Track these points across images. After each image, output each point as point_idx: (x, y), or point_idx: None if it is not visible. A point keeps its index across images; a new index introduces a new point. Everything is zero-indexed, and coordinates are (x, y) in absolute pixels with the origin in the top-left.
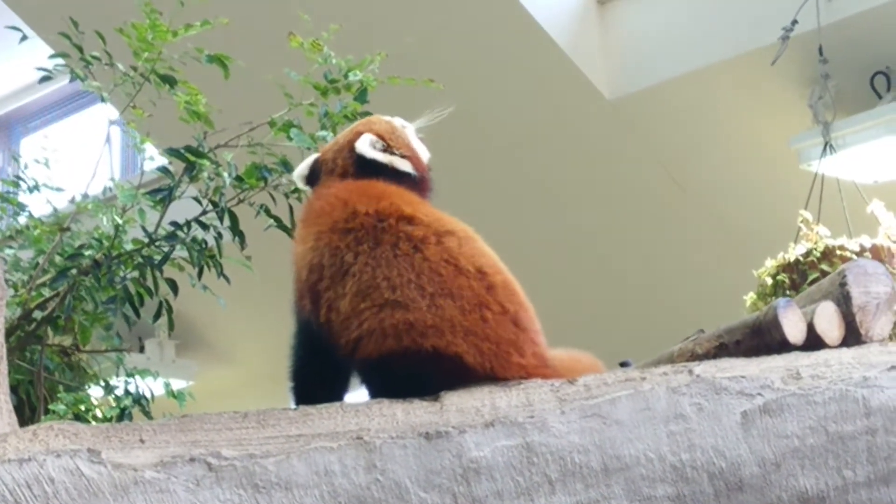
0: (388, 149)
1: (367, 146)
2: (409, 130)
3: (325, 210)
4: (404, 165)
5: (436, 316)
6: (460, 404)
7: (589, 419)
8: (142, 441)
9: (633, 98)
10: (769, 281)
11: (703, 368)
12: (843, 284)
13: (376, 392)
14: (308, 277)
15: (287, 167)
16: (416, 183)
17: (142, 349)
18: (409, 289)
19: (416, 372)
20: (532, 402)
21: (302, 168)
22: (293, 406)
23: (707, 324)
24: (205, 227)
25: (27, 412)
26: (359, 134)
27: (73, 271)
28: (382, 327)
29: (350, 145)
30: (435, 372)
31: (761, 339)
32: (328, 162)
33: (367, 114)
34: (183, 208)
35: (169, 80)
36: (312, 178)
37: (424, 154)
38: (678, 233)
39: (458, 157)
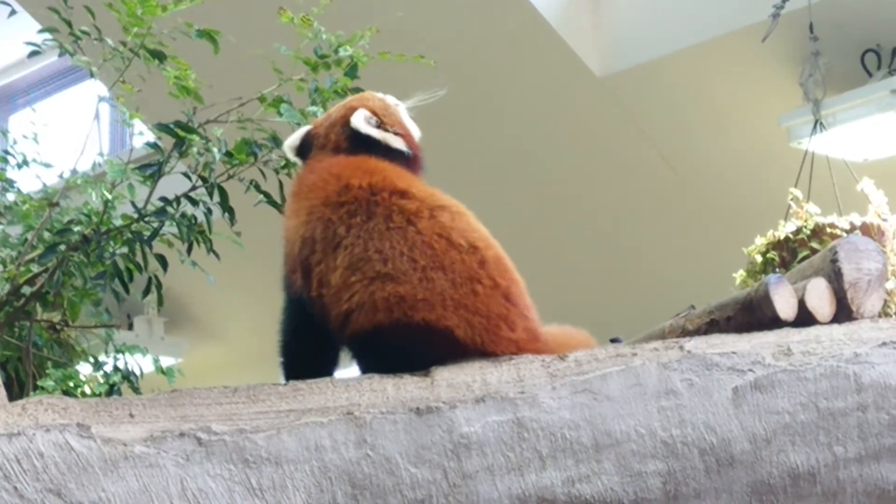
0: (381, 125)
1: (361, 121)
2: (400, 108)
3: (317, 184)
4: (397, 143)
5: (426, 289)
6: (451, 379)
7: (580, 395)
8: (131, 416)
9: (623, 76)
10: (759, 258)
11: (694, 344)
12: (834, 261)
13: (367, 366)
14: (300, 251)
15: (277, 143)
16: (408, 161)
17: (130, 326)
18: (401, 261)
19: (406, 346)
20: (523, 377)
21: (293, 139)
22: (283, 382)
23: (696, 300)
24: (194, 202)
25: (16, 388)
26: (353, 109)
27: (62, 247)
28: (373, 300)
29: (343, 120)
30: (425, 346)
31: (752, 315)
32: (320, 136)
33: (358, 89)
34: (172, 184)
35: (158, 56)
36: (303, 150)
37: (416, 133)
38: (668, 210)
39: (446, 134)
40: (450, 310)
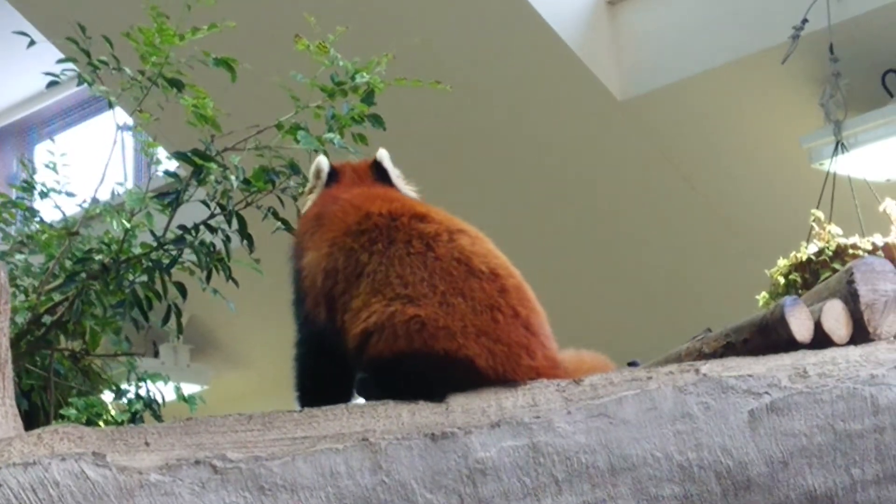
0: None
1: (386, 158)
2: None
3: (338, 215)
4: (409, 190)
5: (447, 316)
6: (466, 405)
7: (595, 419)
8: (147, 444)
9: (643, 99)
10: (781, 280)
11: (710, 367)
12: (850, 282)
13: (384, 392)
14: (323, 283)
15: (295, 170)
16: None
17: (156, 354)
18: (422, 286)
19: (427, 374)
20: (538, 402)
21: (326, 161)
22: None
23: (719, 322)
24: (213, 230)
25: (41, 417)
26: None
27: (83, 276)
28: (393, 325)
29: (369, 160)
30: (446, 374)
31: (768, 337)
32: (347, 171)
33: (375, 115)
34: (191, 212)
35: (176, 84)
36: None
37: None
38: (689, 232)
39: (466, 158)
40: (471, 338)
